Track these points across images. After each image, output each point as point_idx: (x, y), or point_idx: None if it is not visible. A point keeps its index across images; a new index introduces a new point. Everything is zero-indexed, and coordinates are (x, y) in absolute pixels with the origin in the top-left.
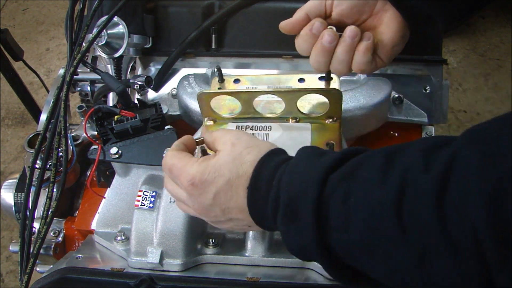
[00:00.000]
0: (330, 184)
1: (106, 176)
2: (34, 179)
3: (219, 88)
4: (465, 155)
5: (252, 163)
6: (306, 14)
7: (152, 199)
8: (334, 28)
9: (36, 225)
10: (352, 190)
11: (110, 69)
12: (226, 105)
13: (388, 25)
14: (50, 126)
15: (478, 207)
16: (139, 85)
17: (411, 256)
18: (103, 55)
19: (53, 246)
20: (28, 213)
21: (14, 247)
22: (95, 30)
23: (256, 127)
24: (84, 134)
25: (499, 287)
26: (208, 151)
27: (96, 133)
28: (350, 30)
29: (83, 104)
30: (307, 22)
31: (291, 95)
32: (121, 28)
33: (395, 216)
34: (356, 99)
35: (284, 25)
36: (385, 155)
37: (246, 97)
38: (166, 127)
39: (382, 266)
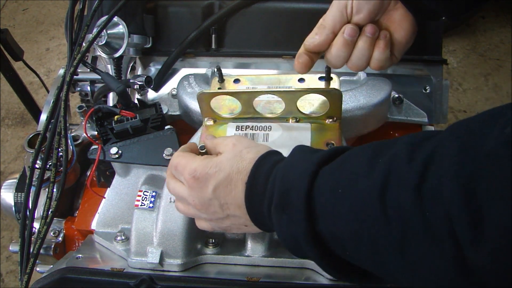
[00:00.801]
0: (321, 176)
1: (106, 176)
2: (34, 179)
3: (219, 88)
4: (446, 146)
5: (252, 160)
6: (333, 32)
7: (152, 199)
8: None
9: (36, 225)
10: (340, 181)
11: (110, 69)
12: (226, 105)
13: (400, 23)
14: (50, 126)
15: (452, 193)
16: (139, 85)
17: (393, 240)
18: (103, 55)
19: (53, 246)
20: (28, 213)
21: (14, 247)
22: (95, 30)
23: (256, 127)
24: (84, 134)
25: (472, 265)
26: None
27: (96, 133)
28: (370, 27)
29: (83, 104)
30: (334, 37)
31: (291, 95)
32: (121, 28)
33: (379, 204)
34: (356, 99)
35: (313, 47)
36: (372, 149)
37: (246, 97)
38: (166, 127)
39: (367, 252)
